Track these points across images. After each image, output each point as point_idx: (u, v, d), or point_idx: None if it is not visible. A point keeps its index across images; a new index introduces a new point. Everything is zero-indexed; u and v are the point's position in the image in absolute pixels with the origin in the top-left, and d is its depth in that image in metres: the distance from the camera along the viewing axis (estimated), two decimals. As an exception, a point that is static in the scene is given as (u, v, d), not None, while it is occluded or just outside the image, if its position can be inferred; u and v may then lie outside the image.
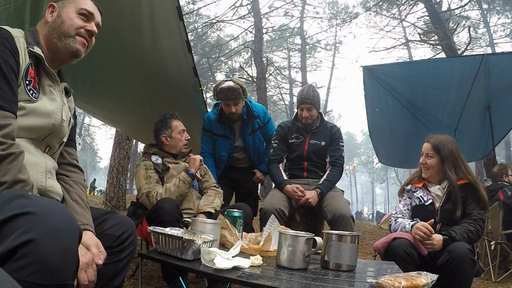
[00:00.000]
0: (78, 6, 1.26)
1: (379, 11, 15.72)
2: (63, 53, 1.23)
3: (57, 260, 0.74)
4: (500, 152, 18.95)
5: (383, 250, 1.91)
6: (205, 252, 1.29)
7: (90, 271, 0.99)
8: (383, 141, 6.68)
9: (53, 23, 1.23)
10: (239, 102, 2.72)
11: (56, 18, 1.23)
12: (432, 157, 2.13)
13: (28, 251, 0.71)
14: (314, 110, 2.65)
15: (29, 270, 0.71)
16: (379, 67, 5.55)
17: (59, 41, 1.22)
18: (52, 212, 0.78)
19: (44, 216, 0.76)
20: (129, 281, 2.45)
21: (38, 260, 0.72)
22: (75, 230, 0.81)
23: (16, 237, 0.72)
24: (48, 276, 0.73)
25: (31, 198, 0.84)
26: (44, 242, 0.73)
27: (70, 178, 1.30)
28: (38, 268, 0.72)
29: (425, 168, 2.16)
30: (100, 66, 2.53)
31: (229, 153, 2.91)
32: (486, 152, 6.15)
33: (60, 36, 1.22)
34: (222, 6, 68.43)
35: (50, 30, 1.23)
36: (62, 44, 1.22)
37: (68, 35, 1.22)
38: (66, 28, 1.22)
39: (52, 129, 1.18)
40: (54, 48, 1.23)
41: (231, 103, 2.69)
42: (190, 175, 2.30)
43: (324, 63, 36.42)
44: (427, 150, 2.15)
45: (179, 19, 2.18)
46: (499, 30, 18.32)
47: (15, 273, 0.70)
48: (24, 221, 0.74)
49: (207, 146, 2.93)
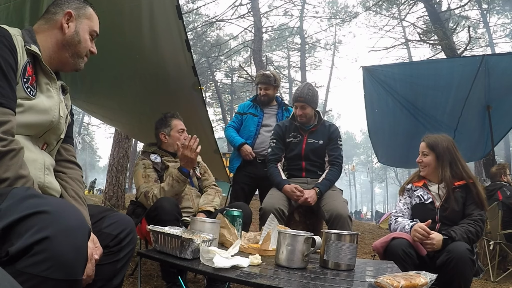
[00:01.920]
0: (92, 26, 1.31)
1: (378, 10, 15.73)
2: (69, 68, 1.30)
3: (71, 256, 0.78)
4: (500, 152, 18.99)
5: (382, 249, 1.91)
6: (204, 251, 1.29)
7: (89, 266, 1.02)
8: (382, 141, 6.68)
9: (71, 39, 1.26)
10: (269, 88, 3.28)
11: (74, 35, 1.26)
12: (427, 154, 2.17)
13: (44, 248, 0.75)
14: (309, 108, 2.65)
15: (44, 266, 0.75)
16: (379, 68, 5.55)
17: (71, 58, 1.27)
18: (65, 211, 0.83)
19: (58, 215, 0.80)
20: (128, 280, 2.45)
21: (53, 256, 0.76)
22: (86, 229, 0.85)
23: (32, 234, 0.75)
24: (61, 272, 0.77)
25: (43, 197, 0.88)
26: (59, 240, 0.77)
27: (67, 175, 1.30)
28: (52, 264, 0.75)
29: (422, 166, 2.20)
30: (99, 65, 2.52)
31: (256, 128, 3.29)
32: (486, 152, 6.15)
33: (73, 55, 1.27)
34: (222, 5, 68.29)
35: (65, 44, 1.25)
36: (72, 62, 1.28)
37: (80, 55, 1.29)
38: (82, 50, 1.29)
39: (49, 126, 1.18)
40: (63, 60, 1.27)
41: (263, 87, 3.29)
42: (184, 173, 2.19)
43: (323, 62, 36.37)
44: (422, 149, 2.20)
45: (178, 18, 2.17)
46: (499, 30, 18.38)
47: (30, 268, 0.74)
48: (39, 219, 0.78)
49: (234, 123, 3.45)
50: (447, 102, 5.29)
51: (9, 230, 0.77)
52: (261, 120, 3.32)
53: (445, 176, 2.08)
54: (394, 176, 37.83)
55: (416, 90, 5.35)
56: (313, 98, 2.66)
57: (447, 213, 2.03)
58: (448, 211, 2.03)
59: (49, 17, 1.25)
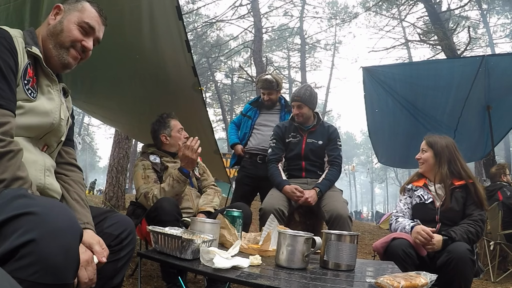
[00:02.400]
0: (82, 17, 1.24)
1: (378, 11, 15.73)
2: (55, 61, 1.22)
3: (59, 259, 0.75)
4: (500, 152, 18.99)
5: (382, 250, 1.91)
6: (204, 251, 1.29)
7: (90, 269, 1.00)
8: (382, 142, 6.68)
9: (53, 28, 1.21)
10: (272, 93, 3.28)
11: (57, 24, 1.21)
12: (425, 151, 2.21)
13: (30, 251, 0.72)
14: (306, 108, 2.69)
15: (31, 270, 0.72)
16: (379, 68, 5.55)
17: (54, 49, 1.21)
18: (53, 212, 0.79)
19: (46, 216, 0.77)
20: (128, 281, 2.45)
21: (40, 259, 0.72)
22: (76, 230, 0.82)
23: (17, 237, 0.73)
24: (49, 276, 0.74)
25: (33, 198, 0.85)
26: (46, 242, 0.74)
27: (69, 177, 1.30)
28: (39, 268, 0.72)
29: (420, 163, 2.24)
30: (99, 65, 2.52)
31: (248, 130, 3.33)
32: (486, 152, 6.15)
33: (55, 45, 1.21)
34: (222, 5, 68.45)
35: (49, 34, 1.21)
36: (55, 53, 1.21)
37: (63, 45, 1.21)
38: (63, 39, 1.21)
39: (50, 128, 1.18)
40: (48, 54, 1.22)
41: (266, 92, 3.29)
42: (184, 173, 2.20)
43: (323, 63, 36.45)
44: (422, 146, 2.25)
45: (178, 18, 2.18)
46: (499, 30, 18.38)
47: (17, 273, 0.70)
48: (26, 221, 0.75)
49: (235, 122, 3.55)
50: (447, 102, 5.29)
51: None
52: (253, 122, 3.35)
53: (442, 173, 2.11)
54: (394, 177, 37.81)
55: (416, 91, 5.35)
56: (310, 98, 2.69)
57: (446, 212, 2.03)
58: (447, 209, 2.03)
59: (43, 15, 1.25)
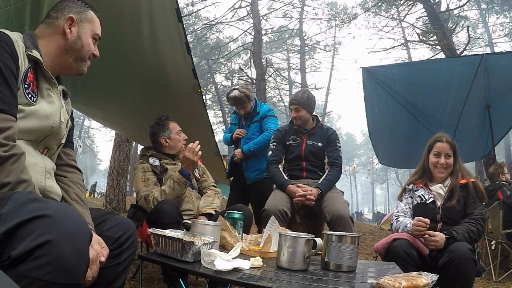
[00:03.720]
0: (94, 30, 1.31)
1: (378, 12, 15.77)
2: (73, 72, 1.30)
3: (72, 260, 0.79)
4: (500, 152, 18.98)
5: (384, 250, 1.91)
6: (205, 253, 1.29)
7: (94, 268, 1.03)
8: (383, 142, 6.68)
9: (74, 44, 1.25)
10: (245, 106, 3.34)
11: (77, 40, 1.26)
12: (450, 156, 2.15)
13: (46, 252, 0.76)
14: (303, 111, 2.72)
15: (46, 269, 0.75)
16: (378, 69, 5.56)
17: (74, 62, 1.27)
18: (66, 215, 0.83)
19: (60, 219, 0.80)
20: (130, 284, 2.45)
21: (55, 260, 0.76)
22: (87, 233, 0.86)
23: (33, 239, 0.76)
24: (63, 275, 0.78)
25: (45, 201, 0.89)
26: (61, 244, 0.78)
27: (68, 179, 1.31)
28: (54, 268, 0.76)
29: (443, 168, 2.15)
30: (100, 68, 2.52)
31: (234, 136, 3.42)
32: (486, 152, 6.15)
33: (77, 59, 1.27)
34: (221, 8, 68.59)
35: (68, 49, 1.25)
36: (76, 66, 1.28)
37: (83, 59, 1.29)
38: (85, 54, 1.28)
39: (50, 131, 1.18)
40: (66, 65, 1.27)
41: (239, 107, 3.36)
42: (185, 175, 2.21)
43: (323, 64, 36.33)
44: (446, 150, 2.15)
45: (178, 21, 2.18)
46: (498, 30, 18.41)
47: (32, 272, 0.75)
48: (41, 223, 0.78)
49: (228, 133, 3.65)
50: (447, 102, 5.29)
51: (11, 234, 0.78)
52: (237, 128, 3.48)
53: (457, 176, 2.11)
54: (395, 177, 37.79)
55: (416, 91, 5.36)
56: (307, 101, 2.73)
57: (448, 212, 2.03)
58: (451, 206, 2.03)
59: (51, 22, 1.25)
